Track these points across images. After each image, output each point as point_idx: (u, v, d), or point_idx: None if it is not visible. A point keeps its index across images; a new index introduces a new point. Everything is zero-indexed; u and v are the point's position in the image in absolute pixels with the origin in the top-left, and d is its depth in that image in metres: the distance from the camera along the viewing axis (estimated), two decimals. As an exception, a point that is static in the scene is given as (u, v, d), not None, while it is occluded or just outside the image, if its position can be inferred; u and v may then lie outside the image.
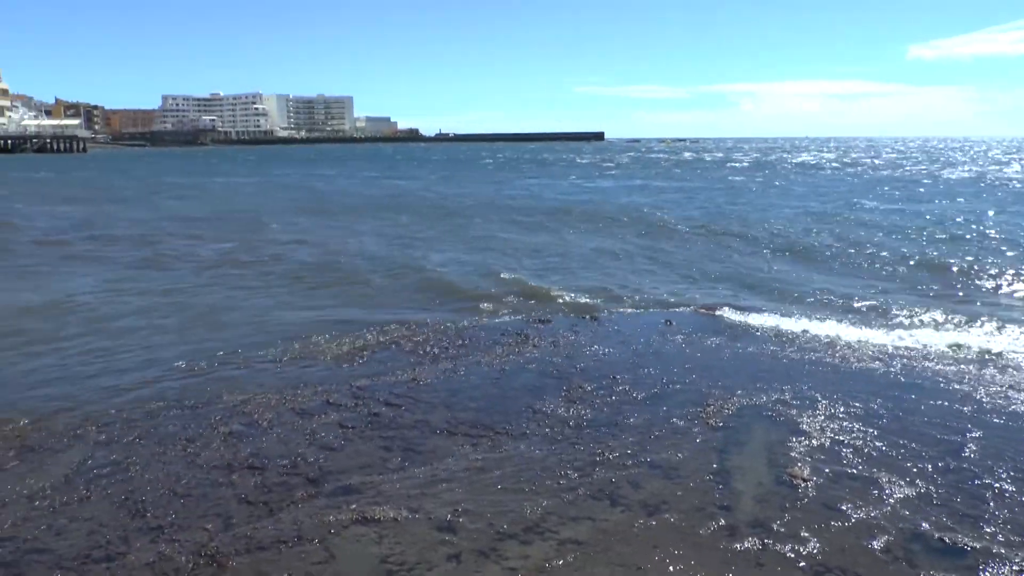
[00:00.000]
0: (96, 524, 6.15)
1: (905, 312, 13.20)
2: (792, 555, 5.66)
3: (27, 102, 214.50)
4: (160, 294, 15.25)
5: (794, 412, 8.44)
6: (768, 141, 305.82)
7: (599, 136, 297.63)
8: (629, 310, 13.50)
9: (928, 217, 28.85)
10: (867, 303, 13.95)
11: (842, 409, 8.54)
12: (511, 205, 36.25)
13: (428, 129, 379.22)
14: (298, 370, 10.14)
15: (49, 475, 7.05)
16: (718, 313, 13.07)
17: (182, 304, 14.25)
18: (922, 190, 43.33)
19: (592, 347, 11.12)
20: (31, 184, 55.75)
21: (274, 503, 6.49)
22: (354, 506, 6.38)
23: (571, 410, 8.58)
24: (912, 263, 18.49)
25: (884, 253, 20.01)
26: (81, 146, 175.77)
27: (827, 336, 11.65)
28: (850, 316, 13.06)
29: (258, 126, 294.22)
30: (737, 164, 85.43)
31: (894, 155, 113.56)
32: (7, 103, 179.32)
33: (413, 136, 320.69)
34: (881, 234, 23.89)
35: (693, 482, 6.82)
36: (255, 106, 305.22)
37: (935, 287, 15.78)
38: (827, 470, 7.02)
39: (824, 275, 17.35)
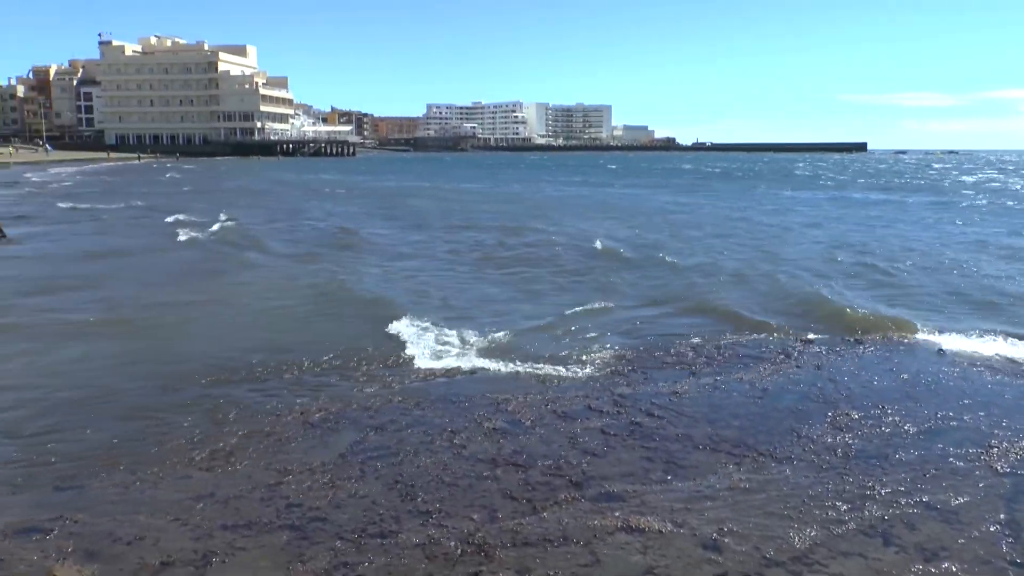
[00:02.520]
0: (370, 502, 6.58)
1: None
2: None
3: (307, 110, 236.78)
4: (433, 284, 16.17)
5: (1123, 464, 7.40)
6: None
7: (861, 147, 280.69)
8: (896, 336, 12.52)
9: None
10: None
11: None
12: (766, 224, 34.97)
13: (685, 138, 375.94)
14: (560, 372, 10.35)
15: (327, 452, 7.65)
16: (999, 346, 11.78)
17: (447, 299, 15.01)
18: None
19: (859, 372, 10.45)
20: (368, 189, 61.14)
21: (538, 501, 6.62)
22: (618, 513, 6.38)
23: (838, 438, 8.11)
24: None
25: None
26: (351, 150, 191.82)
27: None
28: None
29: (517, 133, 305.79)
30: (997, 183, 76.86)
31: None
32: (291, 111, 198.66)
33: (669, 145, 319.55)
34: None
35: (977, 530, 6.18)
36: (515, 114, 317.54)
37: None
38: None
39: None
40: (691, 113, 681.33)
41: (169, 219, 31.31)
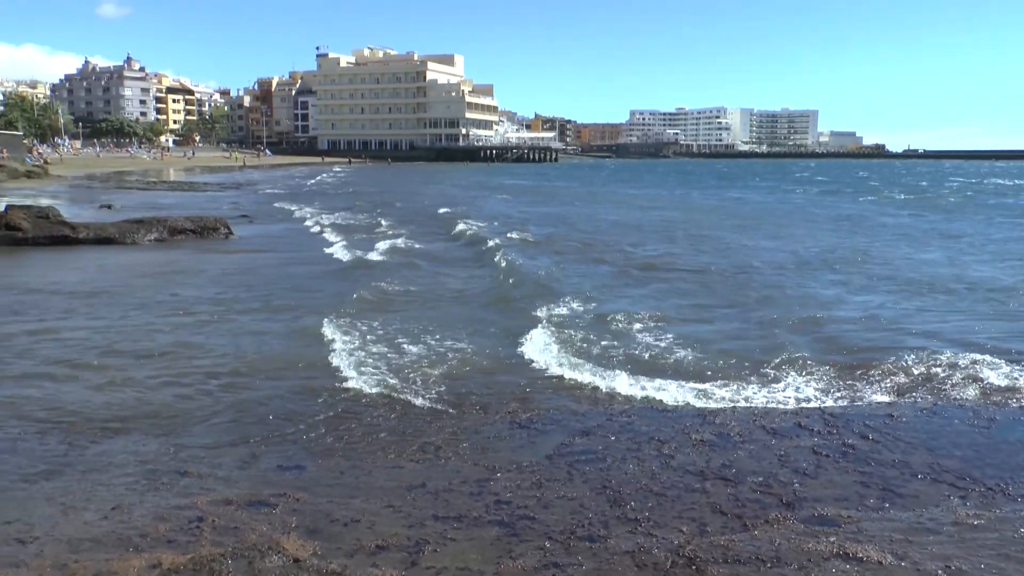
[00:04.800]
0: (578, 504, 6.63)
1: None
2: None
3: (511, 117, 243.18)
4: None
5: None
6: None
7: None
8: None
9: None
10: None
11: None
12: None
13: (895, 145, 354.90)
14: (766, 386, 10.05)
15: (535, 452, 7.79)
16: None
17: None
18: None
19: None
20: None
21: (748, 518, 6.44)
22: (833, 539, 6.08)
23: (1090, 480, 7.34)
24: None
25: None
26: (553, 156, 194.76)
27: None
28: None
29: (720, 140, 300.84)
30: None
31: None
32: (495, 118, 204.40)
33: (878, 152, 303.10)
34: None
35: None
36: (718, 120, 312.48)
37: None
38: None
39: None
40: (903, 119, 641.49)
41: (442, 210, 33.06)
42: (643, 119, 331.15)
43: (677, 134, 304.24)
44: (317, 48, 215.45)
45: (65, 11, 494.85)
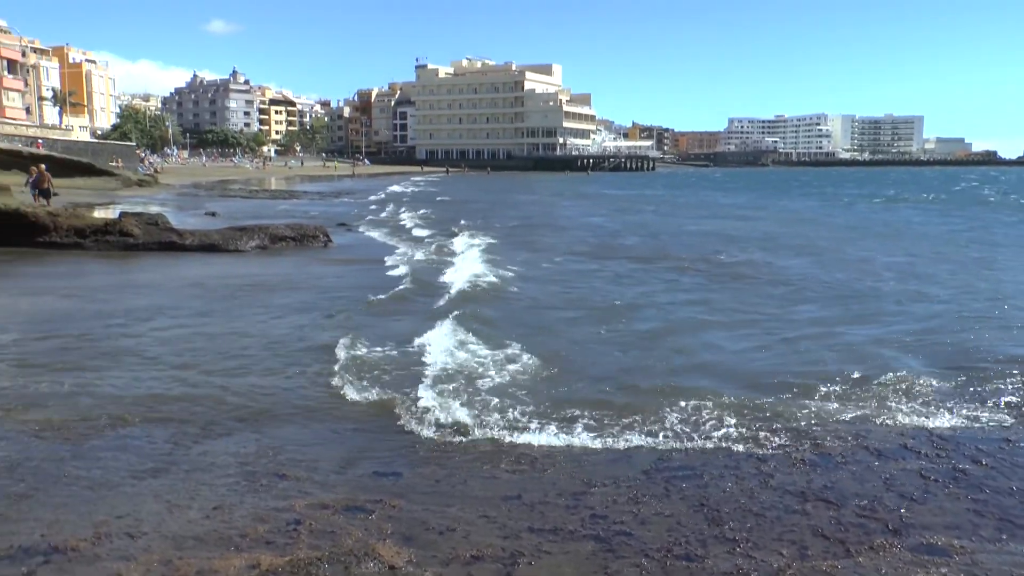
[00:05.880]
0: (675, 522, 6.54)
1: None
2: None
3: (608, 126, 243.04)
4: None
5: None
6: None
7: None
8: None
9: None
10: None
11: None
12: None
13: (1008, 151, 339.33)
14: (873, 403, 9.73)
15: (631, 467, 7.72)
16: None
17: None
18: None
19: None
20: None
21: (851, 543, 6.23)
22: (944, 570, 5.84)
23: None
24: None
25: None
26: (651, 165, 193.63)
27: None
28: None
29: (820, 148, 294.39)
30: None
31: None
32: (592, 127, 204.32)
33: (987, 159, 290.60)
34: None
35: None
36: (819, 127, 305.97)
37: None
38: None
39: None
40: (1017, 124, 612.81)
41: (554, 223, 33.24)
42: (741, 127, 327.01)
43: (776, 142, 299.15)
44: (416, 59, 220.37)
45: (177, 28, 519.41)
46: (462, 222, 37.66)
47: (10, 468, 7.41)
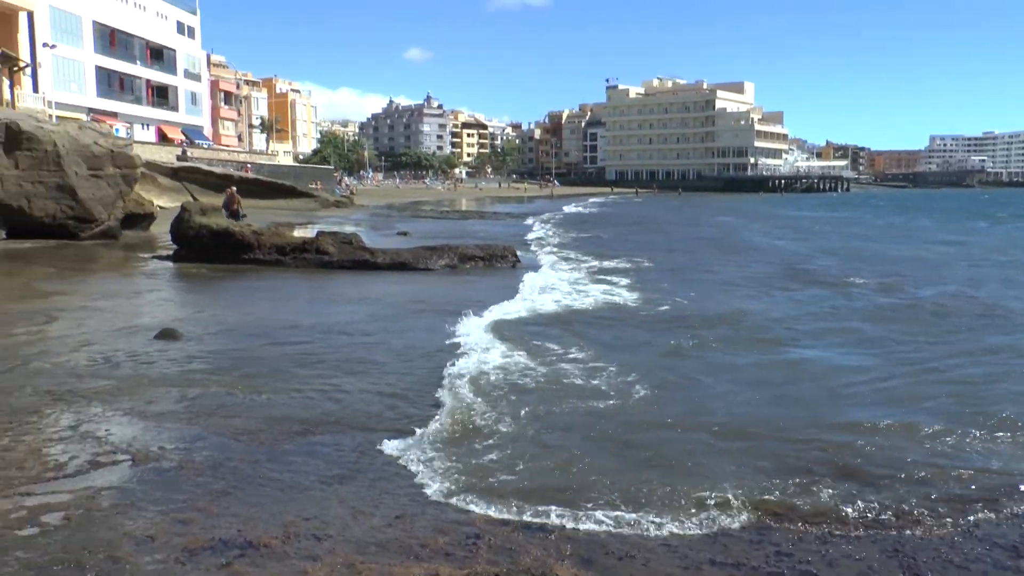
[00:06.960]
0: (866, 567, 6.16)
1: None
2: None
3: (801, 145, 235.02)
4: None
5: None
6: None
7: None
8: None
9: None
10: None
11: None
12: None
13: None
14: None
15: (819, 500, 7.33)
16: None
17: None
18: None
19: None
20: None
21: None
22: None
23: None
24: None
25: None
26: (845, 186, 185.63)
27: None
28: None
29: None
30: None
31: None
32: (785, 146, 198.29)
33: None
34: None
35: None
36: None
37: None
38: None
39: None
40: None
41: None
42: (944, 145, 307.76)
43: (984, 161, 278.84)
44: (607, 80, 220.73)
45: (376, 57, 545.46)
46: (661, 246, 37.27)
47: (213, 467, 7.96)
